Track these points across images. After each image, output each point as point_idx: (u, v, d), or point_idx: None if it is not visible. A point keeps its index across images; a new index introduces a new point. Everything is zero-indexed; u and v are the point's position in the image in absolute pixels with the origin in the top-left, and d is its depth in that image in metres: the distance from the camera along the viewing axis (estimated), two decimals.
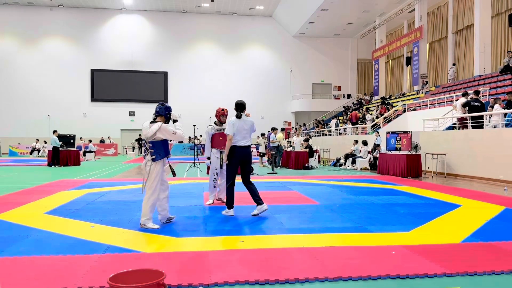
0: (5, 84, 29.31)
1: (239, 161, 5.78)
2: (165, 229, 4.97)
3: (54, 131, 17.35)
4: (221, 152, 6.75)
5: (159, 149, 5.03)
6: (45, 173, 13.46)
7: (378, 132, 16.21)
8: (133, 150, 27.55)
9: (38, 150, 26.52)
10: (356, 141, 16.37)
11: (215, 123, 6.96)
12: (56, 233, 4.75)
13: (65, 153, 17.01)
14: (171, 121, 5.18)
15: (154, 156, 5.01)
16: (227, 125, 5.82)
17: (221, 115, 6.88)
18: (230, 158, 5.75)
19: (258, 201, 5.77)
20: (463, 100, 12.96)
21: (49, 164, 16.62)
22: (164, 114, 5.11)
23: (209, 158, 6.93)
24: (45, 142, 26.34)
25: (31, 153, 26.65)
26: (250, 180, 5.90)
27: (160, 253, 3.93)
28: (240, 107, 5.87)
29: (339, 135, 22.62)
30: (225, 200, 6.24)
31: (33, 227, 5.06)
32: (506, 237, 4.57)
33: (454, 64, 21.17)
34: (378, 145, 14.68)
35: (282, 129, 16.07)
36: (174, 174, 5.37)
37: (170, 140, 5.27)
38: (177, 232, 4.81)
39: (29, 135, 28.69)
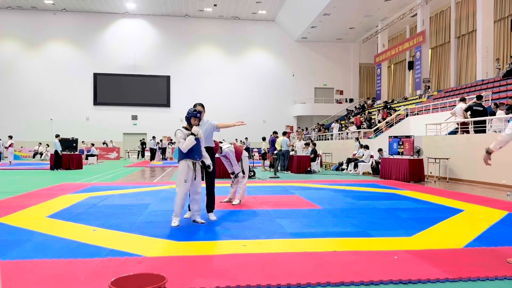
0: (8, 87, 29.45)
1: None
2: (167, 233, 4.97)
3: (57, 135, 17.42)
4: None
5: (179, 151, 5.41)
6: (48, 176, 13.49)
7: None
8: (142, 156, 27.27)
9: (41, 154, 26.63)
10: (361, 145, 16.32)
11: None
12: (58, 236, 4.75)
13: (67, 156, 17.04)
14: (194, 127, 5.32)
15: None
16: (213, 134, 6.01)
17: None
18: None
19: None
20: (462, 105, 12.93)
21: (52, 168, 16.67)
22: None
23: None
24: (48, 145, 26.43)
25: (33, 157, 26.76)
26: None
27: (161, 257, 3.93)
28: None
29: (342, 139, 22.59)
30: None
31: (35, 230, 5.06)
32: (509, 242, 4.54)
33: None
34: (381, 150, 14.64)
35: (284, 133, 15.99)
36: (206, 168, 5.56)
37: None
38: (179, 236, 4.81)
39: (32, 138, 28.77)
